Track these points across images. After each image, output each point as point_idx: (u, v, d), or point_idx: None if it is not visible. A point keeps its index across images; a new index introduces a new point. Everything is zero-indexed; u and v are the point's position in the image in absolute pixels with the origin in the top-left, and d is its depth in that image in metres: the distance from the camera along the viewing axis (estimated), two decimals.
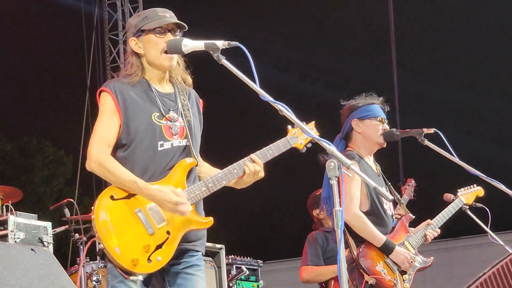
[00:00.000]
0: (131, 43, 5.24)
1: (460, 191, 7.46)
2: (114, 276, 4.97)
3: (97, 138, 5.05)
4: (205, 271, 8.45)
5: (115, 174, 5.00)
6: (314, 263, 8.48)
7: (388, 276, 6.58)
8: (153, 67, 5.23)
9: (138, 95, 5.16)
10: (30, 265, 3.38)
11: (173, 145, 5.18)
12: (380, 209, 6.69)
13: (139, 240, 4.94)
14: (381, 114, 6.89)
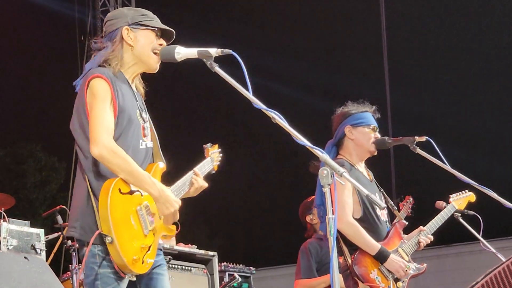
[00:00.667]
0: (123, 31, 5.19)
1: (452, 197, 7.49)
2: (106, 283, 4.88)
3: (105, 126, 4.95)
4: (198, 278, 8.54)
5: (130, 164, 4.93)
6: (307, 276, 8.47)
7: (382, 283, 6.59)
8: (137, 62, 5.24)
9: (125, 89, 5.15)
10: (23, 273, 3.38)
11: (147, 145, 5.22)
12: (373, 216, 6.70)
13: (138, 239, 4.91)
14: (374, 123, 6.92)
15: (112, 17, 5.35)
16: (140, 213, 4.94)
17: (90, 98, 5.01)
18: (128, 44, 5.20)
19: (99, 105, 4.99)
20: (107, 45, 5.21)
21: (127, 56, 5.21)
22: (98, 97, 5.00)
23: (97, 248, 4.88)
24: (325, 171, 4.84)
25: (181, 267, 8.37)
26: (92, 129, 4.94)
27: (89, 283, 4.92)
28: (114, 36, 5.22)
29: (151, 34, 5.25)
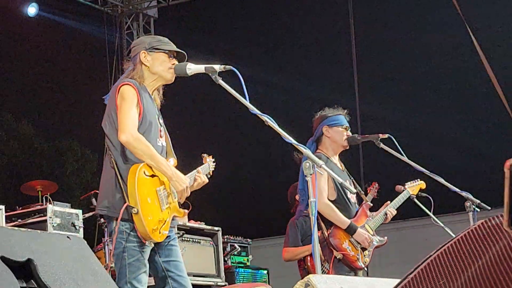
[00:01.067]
0: (141, 54, 5.28)
1: (407, 184, 7.50)
2: (131, 255, 4.95)
3: (131, 119, 5.04)
4: (206, 249, 8.56)
5: (149, 147, 5.02)
6: (293, 245, 8.52)
7: (352, 252, 6.67)
8: (155, 77, 5.31)
9: (147, 97, 5.23)
10: (66, 250, 3.40)
11: (162, 144, 5.30)
12: (345, 198, 6.76)
13: (157, 214, 5.01)
14: (346, 123, 6.99)
15: (134, 44, 5.50)
16: (159, 193, 5.06)
17: (120, 100, 5.11)
18: (145, 65, 5.28)
19: (127, 104, 5.08)
20: (130, 66, 5.34)
21: (146, 74, 5.30)
22: (126, 99, 5.10)
23: (124, 226, 4.96)
24: (308, 163, 4.90)
25: (192, 240, 8.38)
26: (120, 121, 5.04)
27: (118, 254, 4.99)
28: (135, 59, 5.31)
29: (164, 56, 5.33)
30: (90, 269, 3.36)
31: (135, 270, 4.95)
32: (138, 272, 4.97)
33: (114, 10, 16.42)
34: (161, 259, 5.18)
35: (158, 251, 5.17)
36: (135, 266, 4.96)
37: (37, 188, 10.26)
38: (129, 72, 5.30)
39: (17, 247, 3.17)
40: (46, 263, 3.21)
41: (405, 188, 7.47)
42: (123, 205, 4.90)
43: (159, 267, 5.18)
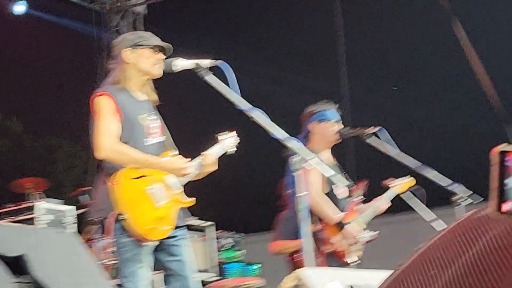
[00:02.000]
0: (123, 53, 5.22)
1: (396, 181, 7.48)
2: (127, 250, 4.96)
3: (106, 132, 5.02)
4: (198, 243, 8.56)
5: (130, 155, 5.01)
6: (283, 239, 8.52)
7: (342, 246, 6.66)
8: (141, 74, 5.25)
9: (125, 99, 5.17)
10: (59, 245, 3.42)
11: (156, 141, 5.25)
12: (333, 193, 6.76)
13: (151, 212, 4.99)
14: (335, 117, 6.96)
15: (116, 43, 5.44)
16: (149, 192, 5.01)
17: (95, 113, 5.10)
18: (127, 63, 5.23)
19: (103, 117, 5.06)
20: (115, 67, 5.28)
21: (132, 72, 5.24)
22: (100, 111, 5.07)
23: (117, 225, 4.95)
24: (296, 158, 4.91)
25: None
26: (95, 138, 5.06)
27: (117, 250, 5.01)
28: (118, 58, 5.27)
29: (149, 51, 5.26)
30: (84, 264, 3.39)
31: (131, 265, 4.96)
32: (135, 267, 4.97)
33: (102, 7, 16.37)
34: (165, 258, 5.19)
35: (163, 249, 5.17)
36: (131, 260, 4.96)
37: (27, 186, 10.25)
38: (112, 74, 5.26)
39: (10, 243, 3.18)
40: (39, 258, 3.23)
41: (389, 187, 7.44)
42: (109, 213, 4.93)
43: (164, 266, 5.21)
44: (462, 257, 2.49)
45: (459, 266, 2.46)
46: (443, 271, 2.50)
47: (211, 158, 5.43)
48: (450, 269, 2.49)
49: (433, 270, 2.54)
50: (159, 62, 5.26)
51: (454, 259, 2.50)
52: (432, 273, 2.53)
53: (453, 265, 2.49)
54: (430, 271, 2.54)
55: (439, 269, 2.52)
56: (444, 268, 2.51)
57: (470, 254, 2.47)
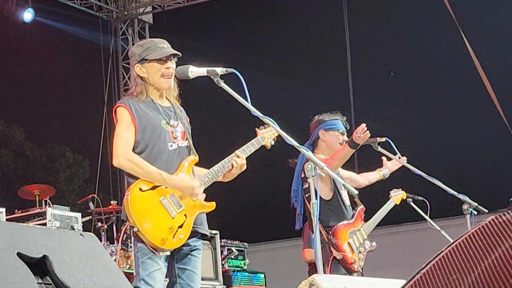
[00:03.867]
0: (136, 69, 5.27)
1: (392, 192, 7.56)
2: (144, 254, 4.99)
3: (123, 141, 5.10)
4: (204, 252, 8.54)
5: (143, 168, 5.05)
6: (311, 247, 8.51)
7: (350, 254, 6.69)
8: (154, 87, 5.27)
9: (147, 108, 5.22)
10: (79, 246, 3.44)
11: (178, 145, 5.27)
12: (339, 201, 6.80)
13: (165, 222, 5.01)
14: (342, 128, 7.01)
15: (129, 55, 5.46)
16: (163, 202, 5.04)
17: (117, 123, 5.21)
18: (141, 78, 5.28)
19: (120, 127, 5.16)
20: (132, 83, 5.38)
21: (146, 86, 5.28)
22: (119, 122, 5.19)
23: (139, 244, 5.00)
24: (309, 165, 4.92)
25: None
26: (113, 146, 5.15)
27: (134, 255, 5.08)
28: (134, 72, 5.33)
29: (157, 63, 5.26)
30: (103, 266, 3.40)
31: (148, 267, 4.99)
32: (151, 269, 5.00)
33: (109, 16, 16.45)
34: (177, 264, 5.20)
35: (177, 257, 5.19)
36: (147, 263, 5.00)
37: (34, 192, 10.29)
38: (133, 91, 5.32)
39: (32, 244, 3.20)
40: (61, 260, 3.25)
41: (391, 197, 7.52)
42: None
43: (173, 272, 5.21)
44: (485, 261, 2.50)
45: (482, 271, 2.48)
46: (466, 275, 2.51)
47: (242, 158, 5.43)
48: (473, 273, 2.50)
49: (455, 274, 2.55)
50: (168, 73, 5.27)
51: (476, 264, 2.51)
52: (454, 277, 2.55)
53: (475, 270, 2.50)
54: (452, 276, 2.55)
55: (461, 273, 2.53)
56: (467, 272, 2.52)
57: (493, 259, 2.49)
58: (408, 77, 18.49)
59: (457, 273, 2.56)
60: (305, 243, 8.53)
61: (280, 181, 7.79)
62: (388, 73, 16.73)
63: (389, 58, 18.16)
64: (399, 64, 18.31)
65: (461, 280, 2.52)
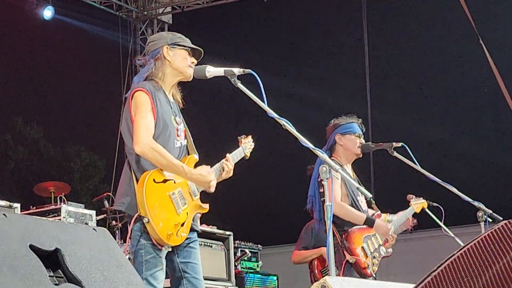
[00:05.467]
0: (163, 49, 5.26)
1: (412, 201, 7.53)
2: (149, 252, 4.99)
3: (145, 128, 5.05)
4: (217, 253, 8.59)
5: (166, 158, 5.03)
6: (304, 249, 8.60)
7: (363, 258, 6.68)
8: (176, 73, 5.30)
9: (162, 98, 5.23)
10: (92, 241, 3.45)
11: (181, 143, 5.30)
12: (357, 205, 6.79)
13: (172, 218, 5.02)
14: (359, 131, 7.00)
15: (154, 38, 5.45)
16: (172, 197, 5.04)
17: (134, 108, 5.13)
18: (168, 60, 5.28)
19: (141, 113, 5.09)
20: (150, 62, 5.31)
21: (167, 70, 5.29)
22: (140, 107, 5.10)
23: (137, 227, 4.99)
24: (324, 167, 4.93)
25: (203, 244, 8.42)
26: (135, 132, 5.06)
27: (135, 252, 5.02)
28: (156, 54, 5.30)
29: (185, 52, 5.32)
30: (115, 260, 3.41)
31: (152, 267, 4.99)
32: (155, 269, 5.00)
33: (128, 15, 16.52)
34: (179, 259, 5.19)
35: (177, 252, 5.18)
36: (152, 263, 4.99)
37: (50, 189, 10.36)
38: (149, 70, 5.29)
39: (45, 237, 3.21)
40: (73, 253, 3.25)
41: (410, 204, 7.50)
42: (136, 212, 4.95)
43: (176, 267, 5.19)
44: (496, 265, 2.50)
45: (493, 274, 2.48)
46: (477, 278, 2.52)
47: (232, 164, 5.50)
48: (484, 276, 2.50)
49: (466, 277, 2.55)
50: (193, 65, 5.32)
51: (488, 267, 2.52)
52: (466, 280, 2.55)
53: (487, 273, 2.51)
54: (464, 278, 2.56)
55: (472, 276, 2.54)
56: (478, 275, 2.52)
57: (505, 262, 2.49)
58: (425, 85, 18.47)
59: (468, 276, 2.56)
60: (296, 245, 8.62)
61: (297, 184, 7.80)
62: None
63: (408, 64, 18.14)
64: (417, 72, 18.29)
65: (473, 283, 2.52)
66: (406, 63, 18.10)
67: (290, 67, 18.88)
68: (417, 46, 18.14)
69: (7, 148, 20.43)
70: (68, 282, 3.18)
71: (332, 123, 7.06)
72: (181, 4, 16.51)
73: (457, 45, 17.03)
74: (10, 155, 20.46)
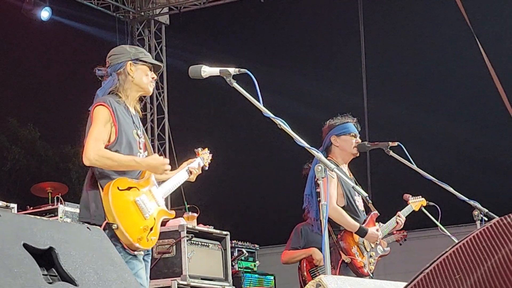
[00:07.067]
0: (127, 65, 5.32)
1: (410, 199, 7.53)
2: (128, 253, 5.05)
3: (94, 139, 5.11)
4: (214, 252, 8.59)
5: (114, 158, 5.10)
6: (293, 249, 8.68)
7: (359, 258, 6.68)
8: (137, 89, 5.37)
9: (123, 112, 5.29)
10: (86, 240, 3.46)
11: (143, 156, 5.38)
12: (353, 205, 6.79)
13: (139, 222, 5.11)
14: (354, 130, 6.99)
15: (117, 52, 5.50)
16: (138, 203, 5.13)
17: (92, 122, 5.20)
18: (130, 76, 5.34)
19: (95, 125, 5.16)
20: (113, 76, 5.36)
21: (129, 85, 5.35)
22: (96, 120, 5.17)
23: (108, 233, 4.95)
24: (320, 167, 4.93)
25: (200, 243, 8.39)
26: (84, 145, 5.16)
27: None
28: (119, 68, 5.36)
29: (147, 68, 5.40)
30: (109, 259, 3.41)
31: (134, 266, 5.08)
32: (137, 268, 5.13)
33: (126, 16, 16.51)
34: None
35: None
36: (133, 263, 5.08)
37: (47, 190, 10.38)
38: (112, 85, 5.34)
39: (39, 236, 3.22)
40: (67, 252, 3.26)
41: (409, 203, 7.50)
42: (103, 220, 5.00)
43: None
44: (488, 262, 2.51)
45: (484, 271, 2.49)
46: (468, 275, 2.52)
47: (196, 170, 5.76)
48: (476, 273, 2.51)
49: (458, 274, 2.56)
50: (153, 81, 5.47)
51: (479, 265, 2.52)
52: (457, 277, 2.55)
53: (478, 270, 2.51)
54: (455, 275, 2.56)
55: (464, 273, 2.54)
56: (469, 272, 2.53)
57: (496, 259, 2.50)
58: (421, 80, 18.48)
59: (459, 273, 2.57)
60: (286, 245, 8.68)
61: (294, 185, 7.81)
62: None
63: (404, 61, 18.16)
64: (413, 67, 18.31)
65: (464, 280, 2.53)
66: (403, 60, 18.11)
67: (287, 67, 18.88)
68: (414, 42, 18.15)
69: (2, 149, 20.44)
70: (62, 281, 3.19)
71: (327, 124, 7.05)
72: (178, 4, 16.51)
73: (454, 40, 17.05)
74: (6, 156, 20.46)
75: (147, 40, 16.61)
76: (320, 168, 4.92)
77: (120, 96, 5.29)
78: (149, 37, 16.65)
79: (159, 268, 8.07)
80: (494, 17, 16.28)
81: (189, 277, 8.09)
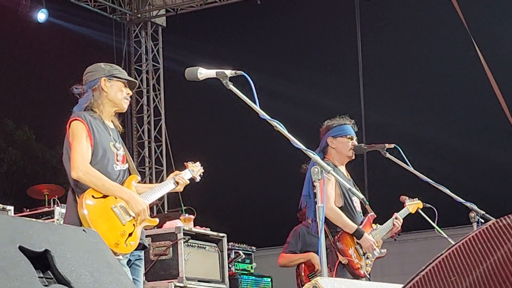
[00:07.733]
0: (101, 81, 5.46)
1: (407, 201, 7.53)
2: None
3: (81, 154, 5.28)
4: (211, 254, 8.59)
5: (102, 180, 5.27)
6: (290, 252, 8.66)
7: (356, 259, 6.68)
8: (111, 104, 5.49)
9: (99, 126, 5.43)
10: (82, 242, 3.46)
11: (121, 168, 5.51)
12: (351, 206, 6.79)
13: (116, 228, 5.24)
14: (351, 133, 6.98)
15: (92, 69, 5.63)
16: (115, 210, 5.27)
17: (71, 136, 5.37)
18: (105, 92, 5.47)
19: (77, 140, 5.32)
20: (88, 92, 5.51)
21: (104, 100, 5.49)
22: (76, 135, 5.33)
23: None
24: (316, 169, 4.93)
25: (197, 245, 8.39)
26: (71, 158, 5.32)
27: None
28: (94, 84, 5.51)
29: (121, 84, 5.52)
30: (105, 262, 3.41)
31: None
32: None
33: (122, 18, 16.53)
34: None
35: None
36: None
37: (44, 192, 10.38)
38: (87, 101, 5.48)
39: (35, 238, 3.22)
40: (63, 255, 3.26)
41: (405, 205, 7.50)
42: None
43: None
44: (483, 264, 2.51)
45: (480, 273, 2.49)
46: (464, 278, 2.52)
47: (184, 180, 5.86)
48: (471, 275, 2.51)
49: (453, 276, 2.56)
50: (128, 97, 5.57)
51: (475, 267, 2.53)
52: (453, 279, 2.56)
53: (474, 272, 2.51)
54: (451, 277, 2.56)
55: (459, 275, 2.54)
56: (465, 275, 2.53)
57: (491, 262, 2.50)
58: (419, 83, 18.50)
59: (455, 275, 2.57)
60: (283, 248, 8.68)
61: (291, 187, 7.81)
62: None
63: (401, 66, 18.18)
64: (411, 71, 18.33)
65: (460, 282, 2.53)
66: (400, 64, 18.13)
67: (284, 69, 18.88)
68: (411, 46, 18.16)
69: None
70: (57, 283, 3.19)
71: (325, 124, 7.05)
72: (175, 6, 16.53)
73: (451, 45, 17.07)
74: (3, 158, 20.43)
75: (144, 42, 16.63)
76: (316, 170, 4.92)
77: (95, 111, 5.45)
78: (146, 39, 16.66)
79: (156, 270, 8.07)
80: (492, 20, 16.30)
81: (185, 279, 8.09)
